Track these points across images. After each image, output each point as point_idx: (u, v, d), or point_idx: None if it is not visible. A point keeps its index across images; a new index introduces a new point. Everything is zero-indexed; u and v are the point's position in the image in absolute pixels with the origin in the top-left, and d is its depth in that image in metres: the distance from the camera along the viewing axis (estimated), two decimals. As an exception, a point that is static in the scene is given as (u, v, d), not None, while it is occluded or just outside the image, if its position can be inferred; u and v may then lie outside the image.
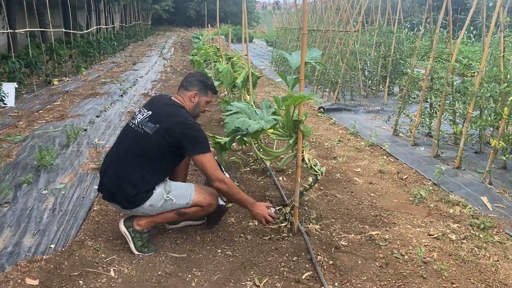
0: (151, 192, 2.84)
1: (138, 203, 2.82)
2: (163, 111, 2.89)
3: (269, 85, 11.24)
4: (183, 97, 3.03)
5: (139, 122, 2.88)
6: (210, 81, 3.12)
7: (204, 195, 2.99)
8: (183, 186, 3.00)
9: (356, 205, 3.91)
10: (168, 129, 2.79)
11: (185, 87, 3.06)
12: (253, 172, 4.60)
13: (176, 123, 2.80)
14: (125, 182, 2.80)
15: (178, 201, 2.92)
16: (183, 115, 2.88)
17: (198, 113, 3.11)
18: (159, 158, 2.85)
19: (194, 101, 3.03)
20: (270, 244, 3.14)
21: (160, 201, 2.87)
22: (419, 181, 4.55)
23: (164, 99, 3.02)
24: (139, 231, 2.93)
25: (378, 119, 7.53)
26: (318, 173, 3.22)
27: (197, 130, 2.84)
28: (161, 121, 2.83)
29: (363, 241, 3.25)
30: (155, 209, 2.88)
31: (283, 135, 3.20)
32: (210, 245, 3.13)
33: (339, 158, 5.19)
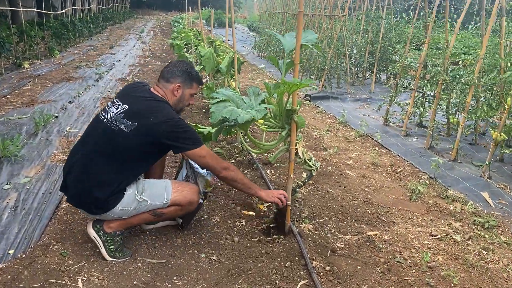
0: (122, 194, 2.48)
1: (108, 207, 2.46)
2: (142, 106, 2.50)
3: (252, 71, 10.85)
4: (165, 90, 2.64)
5: (113, 118, 2.49)
6: (195, 71, 2.74)
7: (183, 193, 2.65)
8: (159, 184, 2.65)
9: (351, 201, 3.62)
10: (150, 128, 2.43)
11: (167, 78, 2.65)
12: (238, 164, 4.27)
13: (160, 122, 2.44)
14: (92, 185, 2.44)
15: (154, 201, 2.57)
16: (167, 112, 2.51)
17: (182, 107, 2.74)
18: (135, 158, 2.49)
19: (178, 95, 2.65)
20: (259, 247, 2.82)
21: (132, 203, 2.52)
22: (414, 175, 4.29)
23: (142, 91, 2.61)
24: (111, 234, 2.58)
25: (366, 107, 7.27)
26: (313, 168, 2.91)
27: (184, 126, 2.50)
28: (141, 118, 2.45)
29: (361, 243, 2.97)
30: (128, 212, 2.53)
31: (275, 126, 2.87)
32: (192, 248, 2.79)
33: (329, 149, 4.89)
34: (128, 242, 2.79)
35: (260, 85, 8.94)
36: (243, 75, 9.93)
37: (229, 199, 3.50)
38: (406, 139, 5.34)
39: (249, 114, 2.44)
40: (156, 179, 2.74)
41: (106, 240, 2.58)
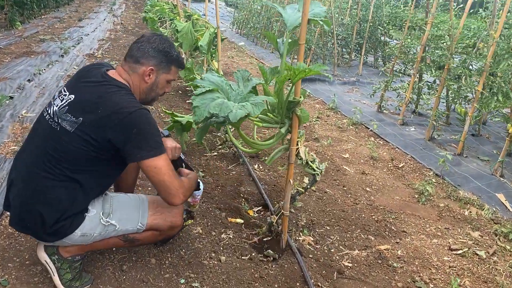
0: (82, 215, 1.89)
1: (63, 233, 1.87)
2: (90, 95, 1.84)
3: (231, 49, 10.19)
4: (131, 73, 1.97)
5: (55, 113, 1.87)
6: (175, 51, 2.05)
7: (163, 216, 2.06)
8: (132, 204, 2.04)
9: (353, 205, 3.14)
10: (98, 123, 1.79)
11: (136, 58, 1.97)
12: (221, 158, 3.72)
13: (111, 113, 1.79)
14: (39, 204, 1.82)
15: (125, 226, 1.99)
16: (122, 98, 1.84)
17: (154, 97, 2.09)
18: (89, 168, 1.87)
19: (150, 81, 1.99)
20: (252, 270, 2.32)
21: (96, 228, 1.93)
22: (418, 171, 3.85)
23: (94, 74, 1.94)
24: (68, 259, 2.01)
25: (355, 91, 6.79)
26: (317, 172, 2.39)
27: (143, 121, 1.82)
28: (87, 111, 1.81)
29: (371, 261, 2.50)
30: (91, 238, 1.94)
31: (272, 121, 2.33)
32: (169, 271, 2.26)
33: (322, 140, 4.39)
34: (88, 264, 2.24)
35: (241, 64, 8.33)
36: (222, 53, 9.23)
37: (213, 203, 2.97)
38: (404, 129, 4.89)
39: (244, 109, 1.88)
40: (129, 197, 2.10)
41: (62, 267, 2.01)
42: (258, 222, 2.79)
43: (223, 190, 3.16)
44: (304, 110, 2.30)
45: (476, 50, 4.43)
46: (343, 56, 9.10)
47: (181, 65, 2.09)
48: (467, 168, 3.83)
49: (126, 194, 2.10)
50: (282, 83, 2.16)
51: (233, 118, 1.83)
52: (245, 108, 1.90)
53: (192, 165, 3.52)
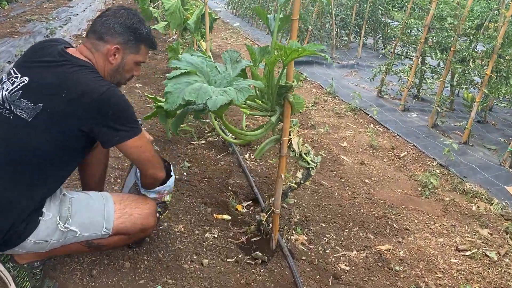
0: (35, 220, 1.62)
1: (14, 241, 1.60)
2: (48, 77, 1.57)
3: (225, 30, 9.83)
4: (94, 51, 1.69)
5: (6, 99, 1.59)
6: (145, 28, 1.78)
7: (132, 218, 1.80)
8: (94, 205, 1.76)
9: (351, 199, 2.89)
10: (63, 109, 1.53)
11: (99, 34, 1.69)
12: (210, 147, 3.45)
13: (79, 96, 1.53)
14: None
15: (87, 232, 1.72)
16: (88, 79, 1.57)
17: (120, 80, 1.80)
18: (46, 161, 1.60)
19: (115, 62, 1.72)
20: (237, 275, 2.07)
21: (53, 234, 1.65)
22: (420, 161, 3.59)
23: (51, 52, 1.64)
24: (26, 266, 1.76)
25: (354, 75, 6.49)
26: (312, 165, 2.13)
27: (118, 100, 1.59)
28: (46, 96, 1.55)
29: (371, 263, 2.25)
30: (47, 245, 1.67)
31: (262, 108, 2.05)
32: (145, 276, 2.01)
33: (318, 127, 4.11)
34: (53, 267, 1.99)
35: (235, 46, 7.99)
36: (215, 34, 8.93)
37: (198, 197, 2.71)
38: (405, 115, 4.62)
39: (226, 95, 1.60)
40: (91, 197, 1.81)
41: (18, 275, 1.75)
42: (247, 219, 2.53)
43: (210, 182, 2.90)
44: (298, 96, 2.04)
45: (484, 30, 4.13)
46: (342, 38, 8.76)
47: (152, 45, 1.81)
48: (474, 158, 3.58)
49: (87, 193, 1.83)
50: (272, 65, 1.88)
51: (212, 106, 1.55)
52: (227, 93, 1.62)
53: (178, 154, 3.25)
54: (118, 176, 2.86)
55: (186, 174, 2.98)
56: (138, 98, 4.34)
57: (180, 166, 3.06)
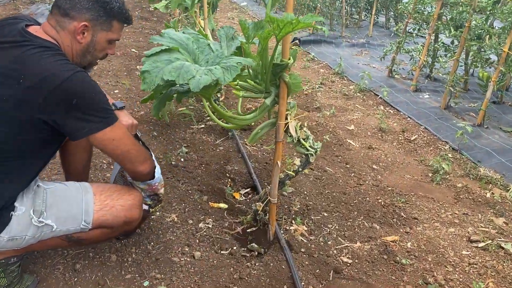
0: (7, 215, 1.48)
1: None
2: (5, 61, 1.38)
3: (232, 10, 9.58)
4: (59, 29, 1.50)
5: None
6: (117, 1, 1.56)
7: (115, 209, 1.64)
8: (72, 196, 1.61)
9: (356, 186, 2.72)
10: (20, 99, 1.36)
11: (64, 10, 1.48)
12: (209, 131, 3.30)
13: (38, 82, 1.34)
14: None
15: (64, 226, 1.58)
16: (50, 63, 1.38)
17: (91, 61, 1.61)
18: (8, 156, 1.45)
19: (84, 41, 1.53)
20: (231, 268, 1.93)
21: (27, 230, 1.52)
22: (432, 144, 3.40)
23: (10, 32, 1.45)
24: (1, 262, 1.62)
25: (364, 54, 6.24)
26: (310, 151, 1.97)
27: (84, 87, 1.40)
28: (3, 82, 1.37)
29: (375, 256, 2.10)
30: (22, 242, 1.54)
31: (255, 89, 1.88)
32: (132, 271, 1.88)
33: (324, 109, 3.92)
34: (35, 261, 1.87)
35: (242, 26, 7.76)
36: (221, 14, 8.70)
37: (194, 184, 2.57)
38: (417, 96, 4.40)
39: (210, 74, 1.43)
40: (69, 187, 1.65)
41: (-7, 272, 1.64)
42: (244, 208, 2.39)
43: (207, 169, 2.75)
44: (295, 76, 1.86)
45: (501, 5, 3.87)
46: (352, 16, 8.47)
47: (127, 20, 1.61)
48: (489, 141, 3.37)
49: (65, 184, 1.68)
50: (265, 40, 1.70)
51: (194, 87, 1.39)
52: (213, 73, 1.46)
53: (176, 139, 3.10)
54: (112, 162, 2.73)
55: (183, 160, 2.83)
56: (138, 81, 4.18)
57: (178, 151, 2.91)
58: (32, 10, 7.84)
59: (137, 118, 3.31)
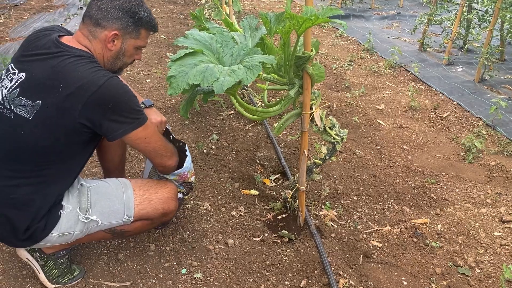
0: (56, 214, 1.61)
1: (37, 236, 1.60)
2: (44, 71, 1.49)
3: (260, -13, 9.46)
4: (91, 38, 1.61)
5: (6, 98, 1.54)
6: (145, 10, 1.67)
7: (153, 203, 1.77)
8: (113, 192, 1.73)
9: (386, 168, 2.74)
10: (62, 105, 1.47)
11: (96, 20, 1.59)
12: (238, 117, 3.36)
13: (77, 89, 1.45)
14: (5, 208, 1.55)
15: (109, 220, 1.71)
16: (85, 70, 1.49)
17: (121, 67, 1.72)
18: (52, 158, 1.57)
19: (114, 48, 1.63)
20: (263, 255, 2.02)
21: (75, 225, 1.65)
22: (465, 121, 3.33)
23: (45, 44, 1.56)
24: (52, 256, 1.78)
25: (395, 27, 6.08)
26: (337, 139, 2.00)
27: (118, 92, 1.50)
28: (44, 92, 1.47)
29: (405, 239, 2.13)
30: (71, 237, 1.68)
31: (279, 82, 1.92)
32: (170, 259, 2.00)
33: (353, 89, 3.90)
34: (81, 251, 2.02)
35: (269, 4, 7.68)
36: (247, -7, 8.61)
37: (225, 172, 2.65)
38: (449, 69, 4.28)
39: (234, 75, 1.48)
40: (110, 184, 1.78)
41: (46, 265, 1.79)
42: (274, 194, 2.46)
43: (238, 155, 2.83)
44: (319, 66, 1.88)
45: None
46: (382, -14, 8.19)
47: (153, 27, 1.71)
48: (525, 116, 3.27)
49: (106, 181, 1.80)
50: (286, 35, 1.73)
51: (218, 89, 1.44)
52: (235, 73, 1.51)
53: (207, 126, 3.19)
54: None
55: (214, 147, 2.92)
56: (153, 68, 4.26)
57: (209, 139, 3.00)
58: (64, 1, 8.04)
59: (168, 107, 3.41)
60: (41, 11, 7.20)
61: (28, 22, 6.42)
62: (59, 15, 6.86)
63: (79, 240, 1.77)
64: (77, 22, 6.45)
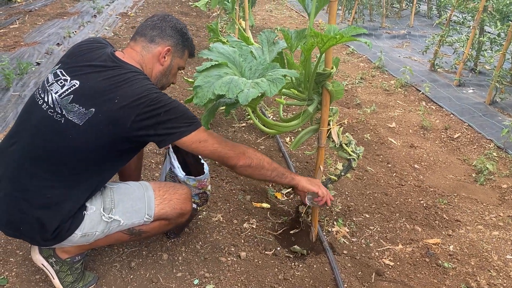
0: (81, 215, 1.64)
1: (62, 236, 1.63)
2: (101, 83, 1.57)
3: (270, 2, 9.58)
4: (144, 54, 1.74)
5: (57, 102, 1.58)
6: (189, 34, 1.86)
7: (172, 203, 1.80)
8: (135, 194, 1.77)
9: (398, 186, 2.74)
10: (116, 115, 1.53)
11: (151, 36, 1.75)
12: (250, 129, 3.38)
13: (132, 102, 1.53)
14: (32, 207, 1.58)
15: (130, 220, 1.74)
16: (141, 85, 1.59)
17: (164, 85, 1.86)
18: (94, 163, 1.62)
19: (165, 64, 1.78)
20: (275, 269, 2.02)
21: (98, 225, 1.68)
22: (476, 142, 3.34)
23: (101, 56, 1.66)
24: (67, 261, 1.79)
25: (405, 46, 6.13)
26: (353, 156, 2.01)
27: (170, 102, 1.59)
28: (100, 101, 1.54)
29: (417, 258, 2.13)
30: (92, 237, 1.70)
31: (298, 97, 1.94)
32: (182, 269, 2.00)
33: (364, 106, 3.92)
34: (94, 258, 2.03)
35: (280, 19, 7.77)
36: (260, 6, 8.73)
37: (237, 183, 2.66)
38: (460, 90, 4.31)
39: (257, 87, 1.50)
40: (131, 186, 1.82)
41: (61, 270, 1.80)
42: (286, 208, 2.47)
43: (250, 168, 2.83)
44: (338, 83, 1.90)
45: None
46: (393, 6, 8.29)
47: (193, 53, 1.89)
48: (536, 139, 3.28)
49: (127, 183, 1.83)
50: (308, 52, 1.75)
51: (243, 100, 1.47)
52: (259, 86, 1.53)
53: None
54: (159, 161, 2.87)
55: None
56: (180, 79, 4.31)
57: (221, 150, 3.01)
58: (78, 8, 8.16)
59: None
60: (56, 17, 7.29)
61: (43, 28, 6.51)
62: (73, 22, 6.95)
63: (98, 242, 1.78)
64: (90, 29, 6.54)
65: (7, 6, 7.95)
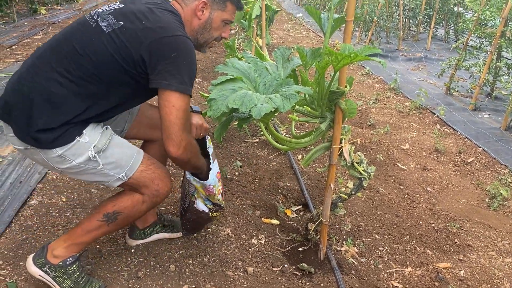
0: (72, 136, 1.63)
1: (45, 142, 1.60)
2: (140, 8, 1.68)
3: (288, 21, 9.69)
4: (183, 5, 1.80)
5: (98, 14, 1.70)
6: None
7: (154, 174, 1.75)
8: (127, 151, 1.75)
9: (409, 208, 2.71)
10: (136, 33, 1.61)
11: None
12: (263, 145, 3.40)
13: (153, 28, 1.61)
14: (33, 93, 1.60)
15: (108, 170, 1.69)
16: (172, 22, 1.67)
17: (207, 39, 1.85)
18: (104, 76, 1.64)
19: (203, 18, 1.80)
20: (282, 286, 2.00)
21: (79, 157, 1.65)
22: (490, 167, 3.30)
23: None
24: (60, 265, 1.79)
25: (421, 69, 6.13)
26: (364, 175, 2.01)
27: (187, 49, 1.62)
28: (130, 19, 1.64)
29: (426, 282, 2.09)
30: (64, 166, 1.67)
31: (311, 115, 1.96)
32: (189, 281, 2.00)
33: (378, 127, 3.92)
34: (102, 266, 2.04)
35: (297, 38, 7.85)
36: (277, 25, 8.84)
37: (247, 199, 2.67)
38: (476, 115, 4.28)
39: (271, 103, 1.52)
40: (128, 144, 1.80)
41: (57, 275, 1.80)
42: (295, 225, 2.46)
43: (261, 184, 2.85)
44: (351, 102, 1.92)
45: None
46: (410, 29, 8.32)
47: (238, 4, 1.86)
48: (553, 167, 3.23)
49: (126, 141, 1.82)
50: (323, 70, 1.77)
51: (256, 114, 1.49)
52: (273, 101, 1.55)
53: (231, 152, 3.23)
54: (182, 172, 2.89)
55: (237, 174, 2.95)
56: (196, 93, 4.36)
57: (233, 165, 3.03)
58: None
59: (195, 131, 3.47)
60: (77, 30, 7.47)
61: (65, 39, 6.66)
62: (94, 35, 7.11)
63: (78, 239, 1.78)
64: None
65: (32, 18, 8.19)
